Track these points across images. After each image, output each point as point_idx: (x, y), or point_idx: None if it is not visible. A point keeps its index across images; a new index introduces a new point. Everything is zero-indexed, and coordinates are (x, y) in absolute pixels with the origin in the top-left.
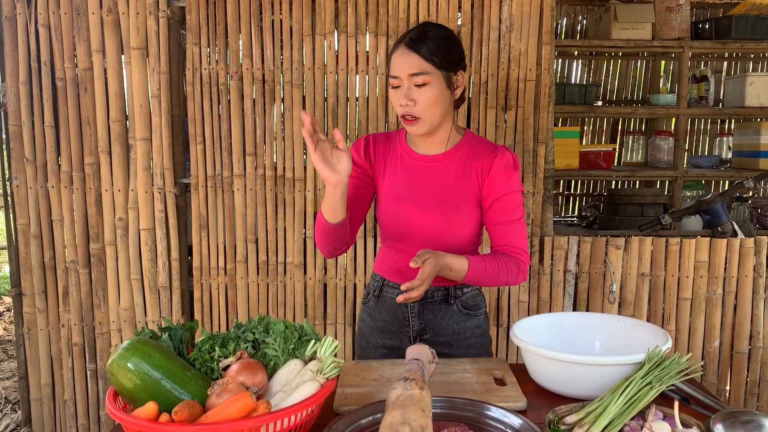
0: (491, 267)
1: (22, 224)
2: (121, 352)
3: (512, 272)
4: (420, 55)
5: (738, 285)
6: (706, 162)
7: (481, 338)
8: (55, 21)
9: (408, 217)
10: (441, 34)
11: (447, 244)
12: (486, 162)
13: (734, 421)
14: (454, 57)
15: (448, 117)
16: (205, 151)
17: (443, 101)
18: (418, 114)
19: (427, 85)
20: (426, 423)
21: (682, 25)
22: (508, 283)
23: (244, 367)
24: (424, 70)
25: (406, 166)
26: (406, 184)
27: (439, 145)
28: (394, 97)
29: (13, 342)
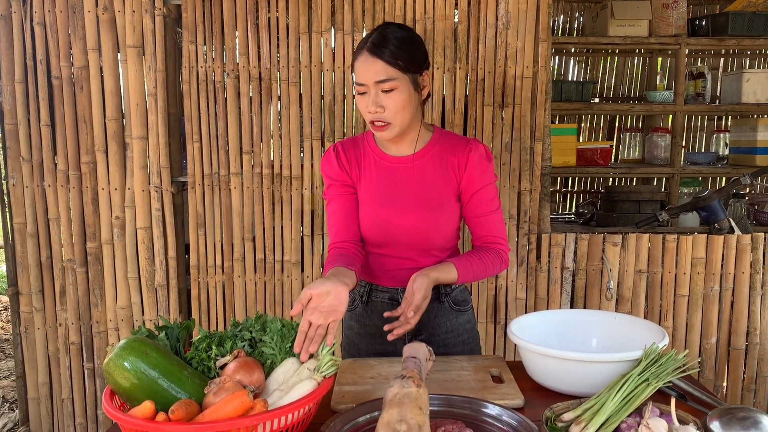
0: (477, 265)
1: (18, 223)
2: (118, 351)
3: (495, 264)
4: (384, 61)
5: (735, 281)
6: (703, 159)
7: (471, 333)
8: (51, 19)
9: (391, 221)
10: (402, 36)
11: (431, 242)
12: (461, 157)
13: (731, 418)
14: (418, 58)
15: (416, 117)
16: (202, 150)
17: (411, 104)
18: (388, 119)
19: (394, 90)
20: (423, 421)
21: (679, 21)
22: (493, 274)
23: (241, 365)
24: (390, 76)
25: (381, 170)
26: (385, 189)
27: (410, 145)
28: (361, 103)
29: (10, 341)
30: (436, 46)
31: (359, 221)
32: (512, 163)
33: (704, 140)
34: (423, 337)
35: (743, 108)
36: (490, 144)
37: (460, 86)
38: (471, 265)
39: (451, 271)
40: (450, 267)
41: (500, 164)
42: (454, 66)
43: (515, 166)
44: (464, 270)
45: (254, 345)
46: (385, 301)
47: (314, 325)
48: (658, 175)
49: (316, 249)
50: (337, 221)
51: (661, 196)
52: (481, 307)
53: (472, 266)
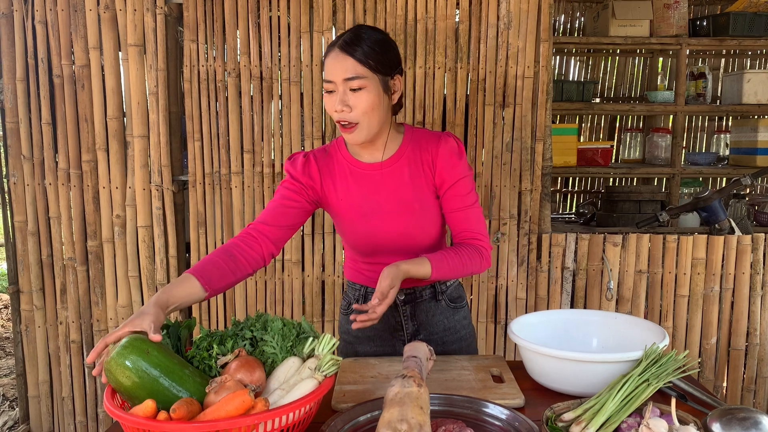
0: (454, 261)
1: (19, 221)
2: (119, 350)
3: (475, 261)
4: (355, 59)
5: (735, 282)
6: (703, 159)
7: (468, 329)
8: (52, 18)
9: (377, 230)
10: (376, 37)
11: (420, 244)
12: (432, 152)
13: (731, 418)
14: (390, 61)
15: (386, 122)
16: (203, 148)
17: (380, 107)
18: (356, 120)
19: (362, 89)
20: (424, 420)
21: (680, 22)
22: (473, 272)
23: (242, 364)
24: (359, 74)
25: (358, 179)
26: (365, 198)
27: (382, 151)
28: (329, 102)
29: (10, 339)
30: (437, 46)
31: (345, 235)
32: (513, 162)
33: (705, 141)
34: (422, 336)
35: (744, 108)
36: (491, 144)
37: (461, 86)
38: (446, 260)
39: (424, 264)
40: (423, 261)
41: (501, 164)
42: (455, 66)
43: (516, 166)
44: (438, 264)
45: (255, 344)
46: None
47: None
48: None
49: (317, 248)
50: (274, 207)
51: (661, 196)
52: (482, 306)
53: (447, 261)
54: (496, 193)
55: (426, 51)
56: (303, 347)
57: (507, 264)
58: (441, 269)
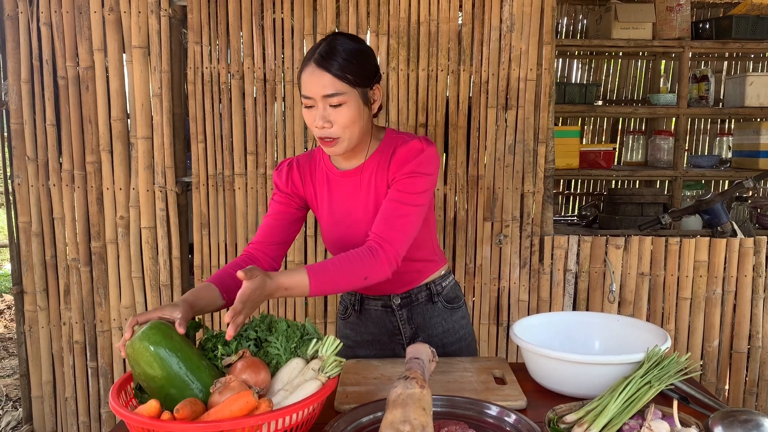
0: (338, 268)
1: (23, 222)
2: (145, 330)
3: (366, 265)
4: (332, 74)
5: (737, 285)
6: (706, 162)
7: (467, 329)
8: (57, 20)
9: (347, 237)
10: (351, 48)
11: None
12: (393, 152)
13: (733, 421)
14: (368, 72)
15: (366, 131)
16: (206, 150)
17: (361, 119)
18: (337, 135)
19: (342, 105)
20: (426, 421)
21: (683, 24)
22: (368, 278)
23: (247, 365)
24: (338, 91)
25: (333, 186)
26: (336, 205)
27: (358, 159)
28: (308, 117)
29: (14, 340)
30: (440, 48)
31: (323, 239)
32: (515, 165)
33: (707, 143)
34: (420, 339)
35: (746, 111)
36: (494, 146)
37: (463, 88)
38: (326, 267)
39: (300, 275)
40: (299, 272)
41: (503, 166)
42: (458, 68)
43: (518, 169)
44: (317, 275)
45: (259, 345)
46: (378, 308)
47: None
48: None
49: (320, 249)
50: (266, 224)
51: (663, 198)
52: (484, 308)
53: (328, 269)
54: (498, 195)
55: (429, 53)
56: (307, 349)
57: (509, 266)
58: (319, 280)
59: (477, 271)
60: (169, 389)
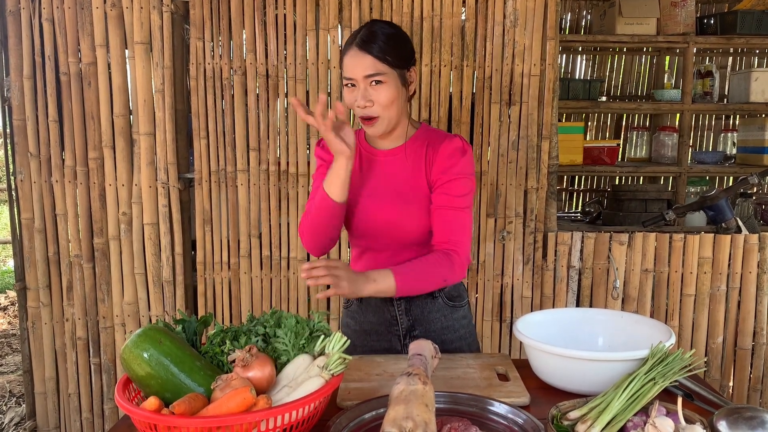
0: (421, 270)
1: (26, 219)
2: (134, 338)
3: (444, 267)
4: (373, 56)
5: (742, 281)
6: (710, 158)
7: (468, 328)
8: (59, 15)
9: (367, 212)
10: (390, 32)
11: (406, 235)
12: (436, 148)
13: (737, 417)
14: (406, 54)
15: (404, 113)
16: (209, 146)
17: (399, 99)
18: (377, 113)
19: (383, 84)
20: (429, 418)
21: (687, 20)
22: (446, 281)
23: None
24: (379, 71)
25: (364, 162)
26: (365, 181)
27: (397, 140)
28: (349, 97)
29: (17, 336)
30: (443, 44)
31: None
32: (519, 161)
33: (712, 139)
34: (418, 332)
35: (751, 107)
36: (497, 142)
37: (467, 84)
38: (411, 269)
39: (387, 276)
40: (387, 273)
41: (507, 162)
42: (462, 63)
43: (522, 165)
44: (404, 276)
45: (268, 340)
46: (378, 298)
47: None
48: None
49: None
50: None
51: (667, 195)
52: (487, 305)
53: (412, 270)
54: (501, 191)
55: (432, 49)
56: (314, 345)
57: (513, 262)
58: (405, 280)
59: (480, 268)
60: (164, 393)
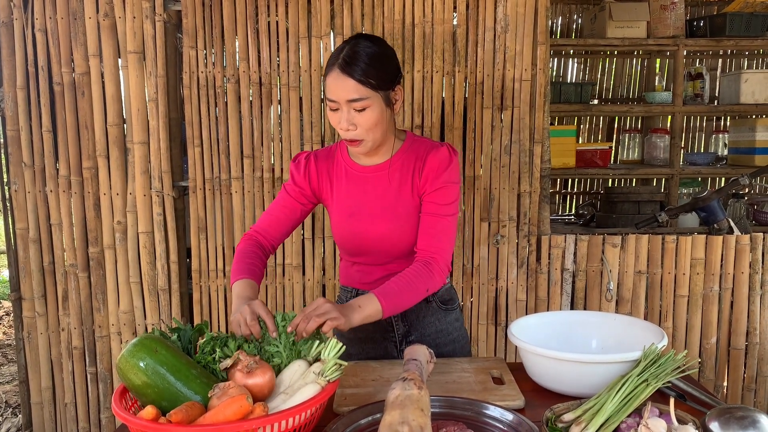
0: (402, 287)
1: (21, 228)
2: (130, 348)
3: (425, 278)
4: (355, 80)
5: (734, 282)
6: (702, 159)
7: (461, 331)
8: (52, 26)
9: (360, 231)
10: (374, 52)
11: (397, 249)
12: (423, 159)
13: (729, 417)
14: (390, 74)
15: (389, 131)
16: (203, 154)
17: (383, 120)
18: (361, 137)
19: (366, 109)
20: (425, 422)
21: (677, 23)
22: (428, 291)
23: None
24: (362, 95)
25: (351, 180)
26: (354, 199)
27: (382, 156)
28: (333, 118)
29: (13, 346)
30: (435, 50)
31: (334, 233)
32: (511, 165)
33: (703, 141)
34: (413, 338)
35: (742, 108)
36: (490, 146)
37: (459, 89)
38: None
39: (372, 301)
40: (371, 297)
41: (500, 167)
42: (453, 69)
43: (514, 169)
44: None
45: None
46: None
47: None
48: (658, 175)
49: (317, 252)
50: (271, 213)
51: (660, 196)
52: (482, 308)
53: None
54: (495, 195)
55: (424, 55)
56: (310, 350)
57: (507, 266)
58: (389, 298)
59: (474, 272)
60: (160, 402)
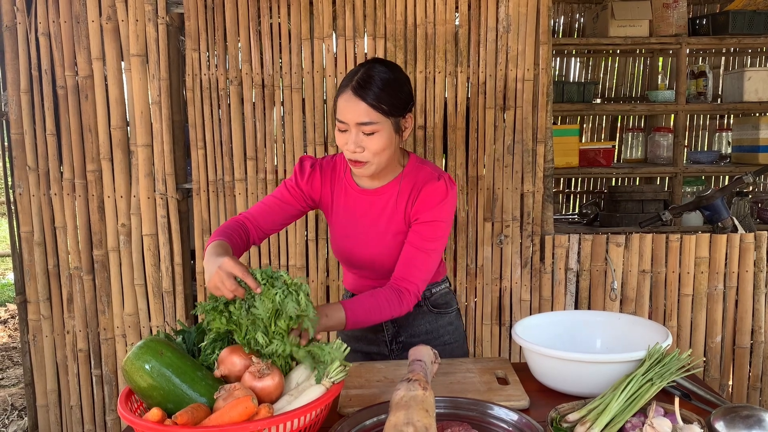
0: (370, 307)
1: (25, 232)
2: (135, 351)
3: (393, 305)
4: (367, 103)
5: (739, 280)
6: (705, 157)
7: (454, 335)
8: (55, 29)
9: (352, 251)
10: (388, 78)
11: (388, 267)
12: (419, 189)
13: (734, 416)
14: (402, 101)
15: (394, 157)
16: (206, 156)
17: (391, 146)
18: (367, 159)
19: (375, 133)
20: (429, 423)
21: (680, 21)
22: (392, 317)
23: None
24: (372, 120)
25: (350, 200)
26: (349, 220)
27: (383, 180)
28: (340, 139)
29: (18, 349)
30: (437, 50)
31: (330, 242)
32: (515, 165)
33: (706, 139)
34: (403, 338)
35: (745, 106)
36: (492, 146)
37: (461, 90)
38: (362, 305)
39: (338, 311)
40: (337, 307)
41: (503, 167)
42: (456, 70)
43: (518, 168)
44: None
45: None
46: None
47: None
48: (661, 174)
49: (321, 253)
50: (265, 203)
51: (664, 195)
52: (486, 309)
53: (362, 306)
54: (498, 195)
55: (426, 55)
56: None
57: (510, 266)
58: (356, 314)
59: (478, 272)
60: (166, 404)
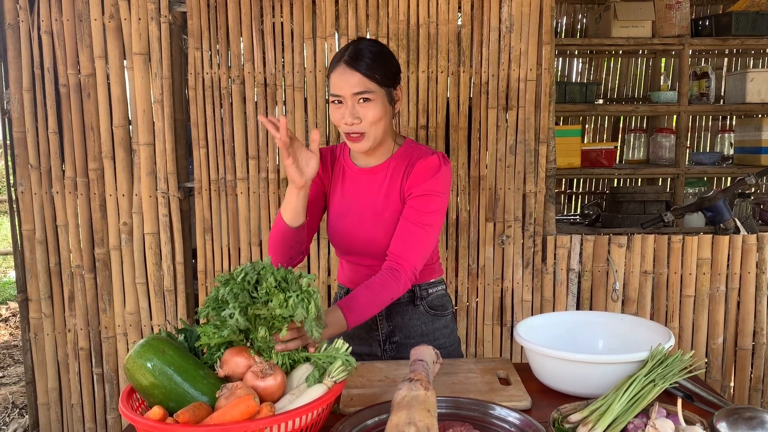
0: (367, 299)
1: (27, 230)
2: (137, 349)
3: (391, 287)
4: (361, 73)
5: (741, 282)
6: (707, 159)
7: (449, 338)
8: (58, 28)
9: (348, 231)
10: (377, 50)
11: (384, 250)
12: (412, 165)
13: (737, 418)
14: (392, 73)
15: (389, 131)
16: (208, 155)
17: (386, 117)
18: (364, 130)
19: (370, 102)
20: (431, 423)
21: (682, 22)
22: (393, 299)
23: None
24: (367, 89)
25: (347, 180)
26: (347, 199)
27: (380, 158)
28: (336, 114)
29: (19, 347)
30: (440, 50)
31: (327, 230)
32: (517, 165)
33: (709, 140)
34: (397, 339)
35: (748, 107)
36: (495, 147)
37: (464, 89)
38: (358, 299)
39: (335, 313)
40: (334, 310)
41: (505, 167)
42: (458, 69)
43: (520, 169)
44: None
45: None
46: None
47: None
48: (663, 175)
49: (322, 253)
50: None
51: (666, 196)
52: (488, 309)
53: (359, 299)
54: (500, 195)
55: (428, 55)
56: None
57: (512, 266)
58: (355, 311)
59: (480, 272)
60: (167, 402)
